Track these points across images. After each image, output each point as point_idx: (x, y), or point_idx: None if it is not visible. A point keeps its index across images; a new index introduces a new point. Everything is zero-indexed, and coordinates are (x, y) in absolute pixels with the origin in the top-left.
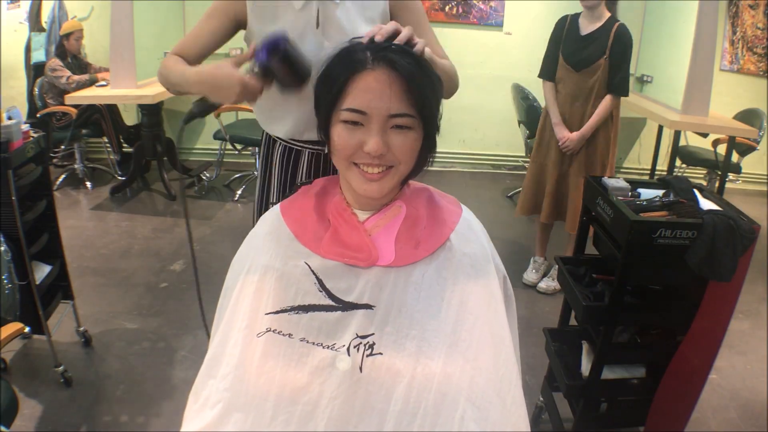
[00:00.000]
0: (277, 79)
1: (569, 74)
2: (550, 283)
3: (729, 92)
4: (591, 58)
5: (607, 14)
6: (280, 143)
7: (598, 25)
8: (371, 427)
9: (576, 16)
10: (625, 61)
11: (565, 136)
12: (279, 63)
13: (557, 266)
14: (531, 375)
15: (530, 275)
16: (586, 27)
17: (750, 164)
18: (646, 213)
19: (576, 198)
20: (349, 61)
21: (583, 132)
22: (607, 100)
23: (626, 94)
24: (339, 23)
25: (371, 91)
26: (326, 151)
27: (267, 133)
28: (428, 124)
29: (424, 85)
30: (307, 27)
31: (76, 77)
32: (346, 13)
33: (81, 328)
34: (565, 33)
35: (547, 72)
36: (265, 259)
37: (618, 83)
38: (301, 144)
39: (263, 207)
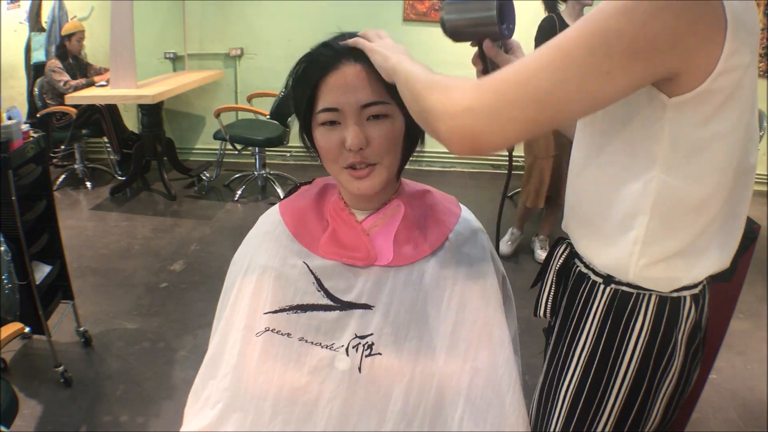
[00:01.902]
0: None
1: None
2: (544, 253)
3: None
4: None
5: None
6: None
7: None
8: (370, 427)
9: (560, 15)
10: None
11: None
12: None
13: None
14: (531, 375)
15: (505, 246)
16: (571, 20)
17: None
18: None
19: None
20: (315, 65)
21: None
22: None
23: None
24: None
25: (340, 87)
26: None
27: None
28: (405, 108)
29: None
30: None
31: (73, 82)
32: None
33: (81, 328)
34: (558, 31)
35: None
36: (264, 259)
37: None
38: None
39: None
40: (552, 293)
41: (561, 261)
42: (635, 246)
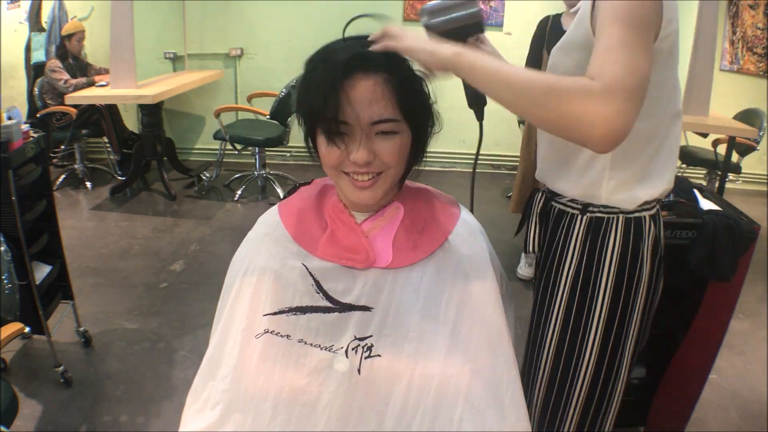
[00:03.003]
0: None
1: None
2: None
3: (729, 92)
4: None
5: None
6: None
7: None
8: (370, 428)
9: (557, 16)
10: None
11: None
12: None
13: None
14: None
15: (524, 270)
16: (569, 24)
17: (750, 164)
18: None
19: None
20: (328, 72)
21: None
22: None
23: None
24: None
25: (352, 101)
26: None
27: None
28: (414, 125)
29: (404, 88)
30: None
31: (73, 81)
32: None
33: (81, 328)
34: (548, 31)
35: (532, 69)
36: (263, 260)
37: None
38: None
39: None
40: (537, 230)
41: (540, 206)
42: (604, 172)
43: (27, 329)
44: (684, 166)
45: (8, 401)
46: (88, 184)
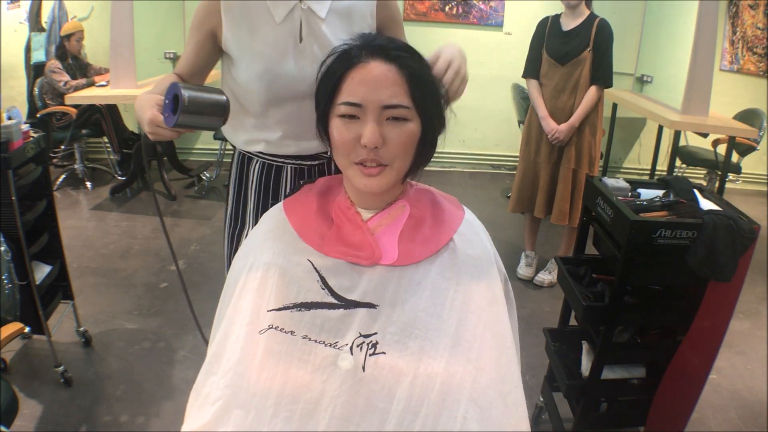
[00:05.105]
0: (195, 127)
1: (554, 69)
2: (546, 276)
3: (729, 92)
4: (575, 52)
5: (587, 11)
6: (258, 160)
7: (580, 21)
8: (373, 426)
9: (557, 16)
10: (607, 53)
11: (554, 128)
12: (188, 117)
13: (552, 260)
14: (531, 375)
15: (524, 270)
16: (568, 24)
17: (750, 164)
18: (646, 213)
19: (563, 190)
20: (345, 57)
21: (572, 122)
22: (593, 90)
23: (610, 84)
24: (324, 37)
25: (365, 83)
26: (328, 153)
27: (240, 150)
28: (424, 115)
29: (419, 77)
30: (289, 42)
31: (73, 82)
32: (331, 28)
33: (81, 328)
34: (547, 31)
35: (532, 70)
36: (268, 257)
37: (602, 74)
38: (282, 159)
39: (236, 232)
40: None
41: None
42: None
43: (27, 329)
44: (684, 166)
45: (8, 401)
46: (88, 184)
